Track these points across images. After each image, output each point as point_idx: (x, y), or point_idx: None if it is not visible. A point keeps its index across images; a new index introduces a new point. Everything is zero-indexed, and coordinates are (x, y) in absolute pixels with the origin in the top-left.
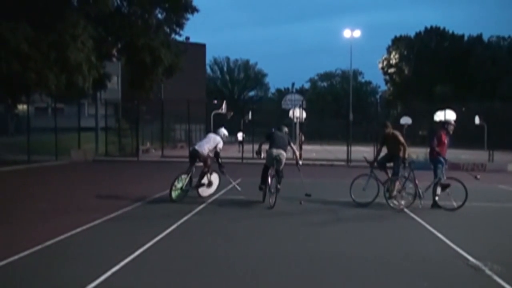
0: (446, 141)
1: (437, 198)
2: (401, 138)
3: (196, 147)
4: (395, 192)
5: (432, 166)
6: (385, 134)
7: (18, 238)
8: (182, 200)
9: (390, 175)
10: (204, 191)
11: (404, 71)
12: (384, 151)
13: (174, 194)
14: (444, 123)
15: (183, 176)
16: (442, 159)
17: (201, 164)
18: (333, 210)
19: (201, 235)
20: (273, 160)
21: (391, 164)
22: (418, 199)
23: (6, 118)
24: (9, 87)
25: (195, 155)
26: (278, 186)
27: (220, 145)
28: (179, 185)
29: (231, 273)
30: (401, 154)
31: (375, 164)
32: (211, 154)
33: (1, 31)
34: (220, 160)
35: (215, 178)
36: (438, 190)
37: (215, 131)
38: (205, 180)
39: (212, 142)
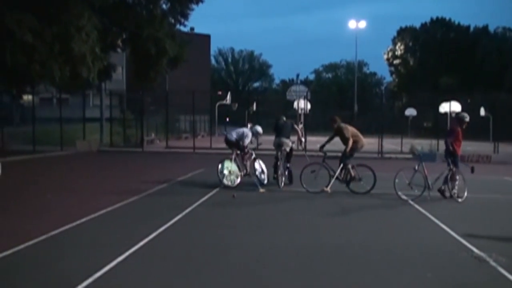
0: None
1: (443, 187)
2: (346, 132)
3: (226, 133)
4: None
5: (450, 160)
6: (333, 128)
7: (41, 221)
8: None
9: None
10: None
11: (409, 62)
12: None
13: (221, 177)
14: (459, 120)
15: (227, 162)
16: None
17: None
18: (337, 201)
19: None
20: (278, 147)
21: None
22: (427, 190)
23: (11, 109)
24: (14, 78)
25: (226, 142)
26: (288, 165)
27: (246, 139)
28: (225, 170)
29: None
30: (348, 146)
31: (325, 153)
32: (243, 144)
33: (6, 22)
34: (240, 153)
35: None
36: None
37: (251, 127)
38: (248, 165)
39: (237, 133)
